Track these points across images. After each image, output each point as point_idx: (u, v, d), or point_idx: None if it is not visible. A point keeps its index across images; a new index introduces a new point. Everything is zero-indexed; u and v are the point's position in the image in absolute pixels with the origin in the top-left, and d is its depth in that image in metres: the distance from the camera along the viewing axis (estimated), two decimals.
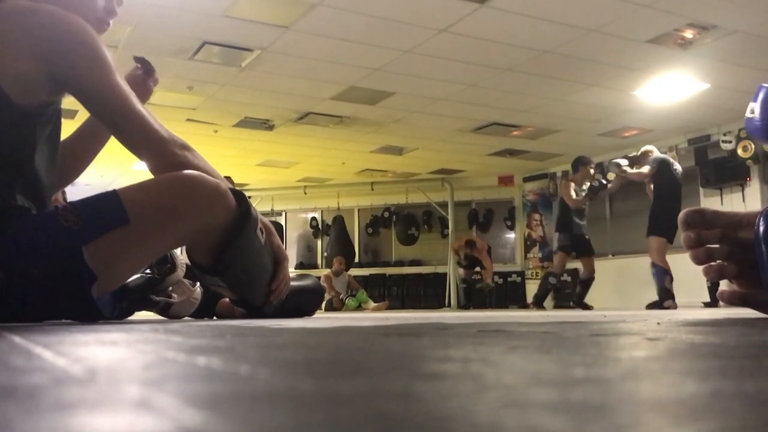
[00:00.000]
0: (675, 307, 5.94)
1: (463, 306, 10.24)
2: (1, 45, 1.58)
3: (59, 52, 1.61)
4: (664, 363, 0.48)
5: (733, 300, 1.24)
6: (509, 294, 11.47)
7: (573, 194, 7.55)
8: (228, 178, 8.73)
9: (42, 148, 1.69)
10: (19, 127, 1.62)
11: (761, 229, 1.13)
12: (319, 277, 9.35)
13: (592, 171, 7.72)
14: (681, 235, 1.22)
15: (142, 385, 0.34)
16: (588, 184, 7.68)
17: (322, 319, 1.94)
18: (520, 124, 8.69)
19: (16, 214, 1.59)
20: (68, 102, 1.75)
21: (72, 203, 1.63)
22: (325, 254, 12.46)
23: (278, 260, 2.04)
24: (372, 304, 9.56)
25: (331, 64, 6.48)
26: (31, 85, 1.61)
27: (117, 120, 1.68)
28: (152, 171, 1.73)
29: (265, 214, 12.05)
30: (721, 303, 1.30)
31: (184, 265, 2.23)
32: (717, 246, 1.19)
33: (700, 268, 1.21)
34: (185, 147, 1.76)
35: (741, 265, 1.18)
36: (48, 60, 1.60)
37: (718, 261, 1.19)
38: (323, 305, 8.36)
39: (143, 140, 1.69)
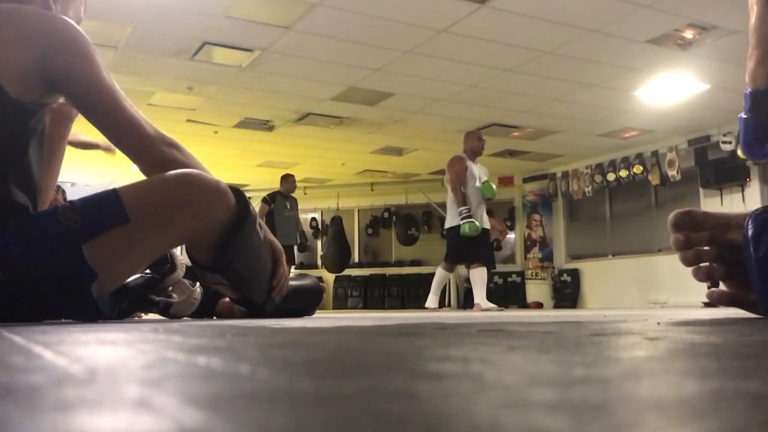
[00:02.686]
0: None
1: (462, 306, 10.22)
2: None
3: (51, 51, 1.63)
4: (664, 363, 0.48)
5: (722, 300, 1.25)
6: (509, 294, 11.46)
7: None
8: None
9: (34, 144, 1.70)
10: (14, 121, 1.63)
11: (750, 231, 1.13)
12: (319, 277, 9.32)
13: None
14: (671, 237, 1.22)
15: (142, 385, 0.34)
16: None
17: (322, 319, 1.94)
18: (520, 125, 8.69)
19: (15, 213, 1.59)
20: None
21: (72, 202, 1.63)
22: (321, 254, 12.47)
23: (276, 256, 2.05)
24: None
25: (331, 65, 6.48)
26: (28, 83, 1.62)
27: (106, 119, 1.69)
28: (141, 170, 1.75)
29: None
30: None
31: (184, 265, 2.23)
32: (706, 248, 1.20)
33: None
34: (173, 145, 1.77)
35: (730, 266, 1.18)
36: (40, 58, 1.62)
37: (707, 262, 1.20)
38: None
39: (131, 139, 1.71)
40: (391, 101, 7.61)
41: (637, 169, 9.81)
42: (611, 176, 10.19)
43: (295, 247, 9.87)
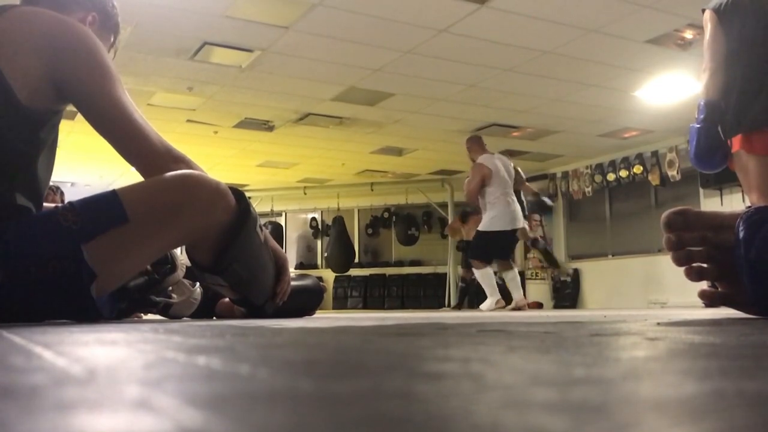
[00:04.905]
0: None
1: (455, 305, 10.17)
2: (9, 49, 1.59)
3: (64, 57, 1.62)
4: (664, 363, 0.48)
5: (714, 300, 1.25)
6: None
7: None
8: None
9: (44, 153, 1.70)
10: (26, 130, 1.63)
11: (741, 232, 1.13)
12: (319, 277, 9.32)
13: None
14: (663, 237, 1.23)
15: (142, 385, 0.34)
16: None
17: (322, 319, 1.94)
18: (519, 125, 8.69)
19: (16, 214, 1.59)
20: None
21: (71, 203, 1.63)
22: (325, 254, 12.47)
23: (280, 264, 2.06)
24: None
25: (331, 65, 6.48)
26: (39, 90, 1.61)
27: (113, 130, 1.68)
28: None
29: (264, 214, 12.07)
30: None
31: (184, 266, 2.23)
32: (698, 248, 1.20)
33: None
34: (181, 160, 1.75)
35: (721, 266, 1.19)
36: (52, 64, 1.61)
37: (698, 263, 1.20)
38: None
39: (138, 153, 1.70)
40: (391, 101, 7.61)
41: (637, 169, 9.81)
42: (611, 176, 10.19)
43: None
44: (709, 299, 1.26)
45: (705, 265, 1.20)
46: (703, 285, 1.29)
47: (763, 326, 0.99)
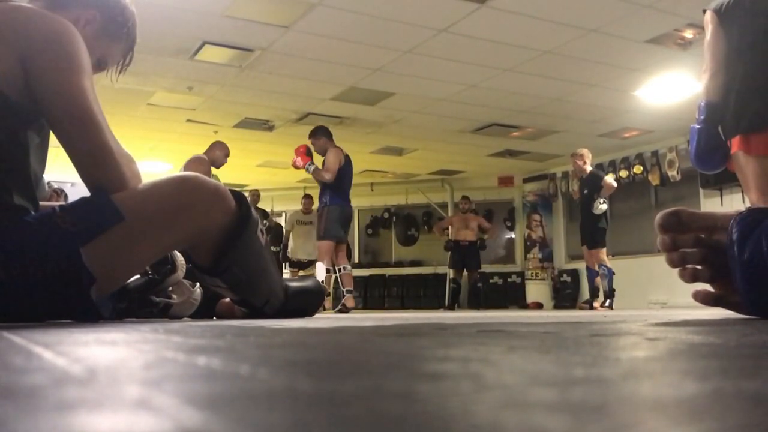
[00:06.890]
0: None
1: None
2: None
3: (34, 46, 1.58)
4: (664, 363, 0.48)
5: (707, 300, 1.25)
6: (509, 294, 11.46)
7: None
8: None
9: (37, 152, 1.68)
10: (19, 127, 1.62)
11: (735, 234, 1.13)
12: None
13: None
14: (657, 239, 1.23)
15: (142, 385, 0.34)
16: None
17: (322, 319, 1.94)
18: (519, 125, 8.69)
19: (15, 215, 1.59)
20: None
21: (70, 205, 1.62)
22: None
23: None
24: None
25: (331, 65, 6.48)
26: (22, 84, 1.59)
27: (70, 121, 1.59)
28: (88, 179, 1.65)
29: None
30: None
31: (184, 266, 2.23)
32: (692, 250, 1.20)
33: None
34: (132, 161, 1.68)
35: (715, 267, 1.19)
36: (24, 55, 1.57)
37: (692, 264, 1.20)
38: None
39: (90, 146, 1.60)
40: (391, 101, 7.61)
41: (637, 169, 9.81)
42: (611, 176, 10.18)
43: None
44: (703, 300, 1.26)
45: (699, 267, 1.20)
46: (702, 285, 1.29)
47: (763, 326, 0.99)
